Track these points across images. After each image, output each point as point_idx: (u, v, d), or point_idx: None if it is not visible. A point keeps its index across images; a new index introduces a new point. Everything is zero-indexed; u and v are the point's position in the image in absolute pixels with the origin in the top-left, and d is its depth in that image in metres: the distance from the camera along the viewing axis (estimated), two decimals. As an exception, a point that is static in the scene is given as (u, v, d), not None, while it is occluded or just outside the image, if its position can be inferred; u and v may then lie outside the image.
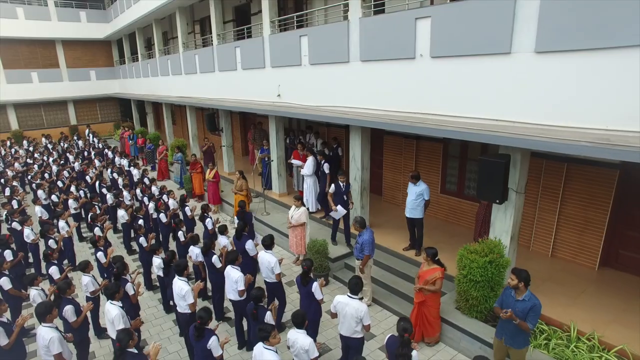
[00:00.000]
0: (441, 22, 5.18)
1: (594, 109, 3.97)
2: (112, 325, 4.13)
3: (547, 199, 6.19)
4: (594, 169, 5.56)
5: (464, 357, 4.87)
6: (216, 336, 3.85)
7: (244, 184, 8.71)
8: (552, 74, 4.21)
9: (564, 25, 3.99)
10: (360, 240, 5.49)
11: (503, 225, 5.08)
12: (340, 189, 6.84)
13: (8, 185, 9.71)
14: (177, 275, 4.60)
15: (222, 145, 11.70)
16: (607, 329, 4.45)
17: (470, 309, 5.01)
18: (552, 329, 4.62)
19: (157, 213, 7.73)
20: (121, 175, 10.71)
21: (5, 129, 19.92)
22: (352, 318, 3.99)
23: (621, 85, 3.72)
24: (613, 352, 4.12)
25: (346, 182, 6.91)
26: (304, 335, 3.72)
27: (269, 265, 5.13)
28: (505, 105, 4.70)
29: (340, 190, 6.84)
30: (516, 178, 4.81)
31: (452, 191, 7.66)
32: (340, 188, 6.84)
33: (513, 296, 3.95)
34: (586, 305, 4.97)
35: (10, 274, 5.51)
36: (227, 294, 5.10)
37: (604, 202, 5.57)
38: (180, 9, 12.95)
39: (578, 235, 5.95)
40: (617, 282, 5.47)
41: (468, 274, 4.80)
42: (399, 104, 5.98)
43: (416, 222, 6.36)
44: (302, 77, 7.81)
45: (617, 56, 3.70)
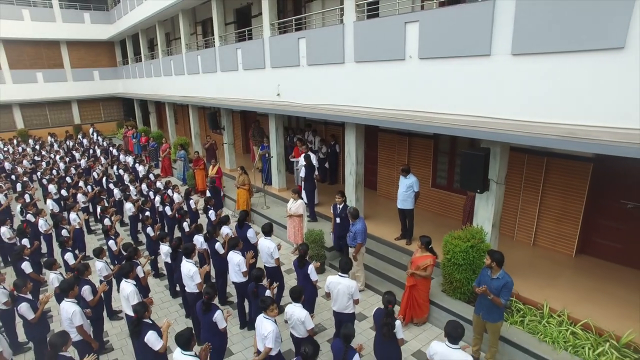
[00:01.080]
0: (428, 26, 5.59)
1: (562, 106, 4.39)
2: (127, 301, 4.56)
3: (529, 191, 6.62)
4: (570, 162, 5.98)
5: (448, 335, 5.30)
6: (221, 310, 4.29)
7: (245, 179, 9.15)
8: (527, 74, 4.63)
9: (536, 30, 4.41)
10: (354, 229, 5.92)
11: (485, 214, 5.50)
12: (336, 210, 6.51)
13: (20, 180, 10.14)
14: (185, 258, 5.04)
15: (224, 143, 12.14)
16: (577, 307, 4.87)
17: (454, 291, 5.44)
18: (527, 308, 5.05)
19: (162, 206, 8.16)
20: (127, 171, 11.14)
21: (11, 128, 20.36)
22: (345, 295, 4.43)
23: (585, 85, 4.14)
24: (579, 326, 4.55)
25: (344, 203, 6.49)
26: (300, 308, 4.16)
27: (269, 250, 5.56)
28: (486, 103, 5.11)
29: (336, 212, 6.52)
30: (496, 170, 5.23)
31: (442, 185, 8.09)
32: (336, 210, 6.50)
33: (489, 275, 4.39)
34: (560, 287, 5.39)
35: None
36: (231, 277, 5.53)
37: (580, 193, 6.00)
38: (183, 11, 13.38)
39: (557, 225, 6.38)
40: (590, 267, 5.90)
41: (452, 258, 5.23)
42: (391, 102, 6.40)
43: (407, 212, 6.79)
44: (301, 77, 8.23)
45: (582, 58, 4.12)
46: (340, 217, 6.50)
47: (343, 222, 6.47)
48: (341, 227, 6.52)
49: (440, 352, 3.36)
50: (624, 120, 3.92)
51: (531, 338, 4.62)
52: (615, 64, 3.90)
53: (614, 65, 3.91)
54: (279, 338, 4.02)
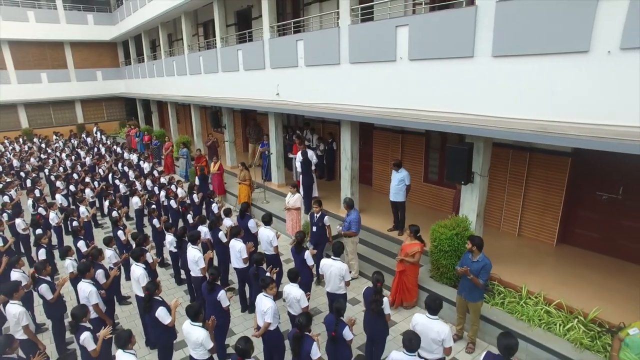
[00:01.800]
0: (417, 29, 6.00)
1: (538, 104, 4.79)
2: (138, 283, 4.97)
3: (513, 184, 7.02)
4: (551, 157, 6.39)
5: (434, 316, 5.70)
6: (224, 290, 4.69)
7: (246, 174, 9.55)
8: (506, 74, 5.04)
9: (514, 34, 4.82)
10: (348, 219, 6.32)
11: (470, 205, 5.91)
12: (313, 219, 6.37)
13: (29, 177, 10.54)
14: (191, 244, 5.44)
15: (225, 141, 12.54)
16: (553, 290, 5.27)
17: (441, 276, 5.85)
18: (508, 291, 5.45)
19: (167, 200, 8.56)
20: (131, 168, 11.54)
21: (16, 127, 20.76)
22: (337, 276, 4.83)
23: (557, 84, 4.55)
24: (552, 305, 4.95)
25: (321, 212, 6.33)
26: (296, 287, 4.56)
27: (268, 238, 5.97)
28: (470, 101, 5.51)
29: (313, 220, 6.36)
30: (480, 163, 5.64)
31: (434, 180, 8.49)
32: (313, 218, 6.37)
33: (470, 258, 4.79)
34: (539, 273, 5.78)
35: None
36: (232, 264, 5.94)
37: (559, 186, 6.40)
38: (186, 14, 13.80)
39: (539, 216, 6.79)
40: (569, 255, 6.30)
41: (438, 245, 5.63)
42: (383, 100, 6.80)
43: (399, 205, 7.19)
44: (299, 77, 8.63)
45: (554, 60, 4.52)
46: (316, 225, 6.38)
47: (319, 230, 6.36)
48: (317, 235, 6.40)
49: (421, 323, 3.77)
50: (592, 116, 4.32)
51: (509, 317, 5.02)
52: (582, 66, 4.31)
53: (581, 67, 4.32)
54: (277, 314, 4.42)
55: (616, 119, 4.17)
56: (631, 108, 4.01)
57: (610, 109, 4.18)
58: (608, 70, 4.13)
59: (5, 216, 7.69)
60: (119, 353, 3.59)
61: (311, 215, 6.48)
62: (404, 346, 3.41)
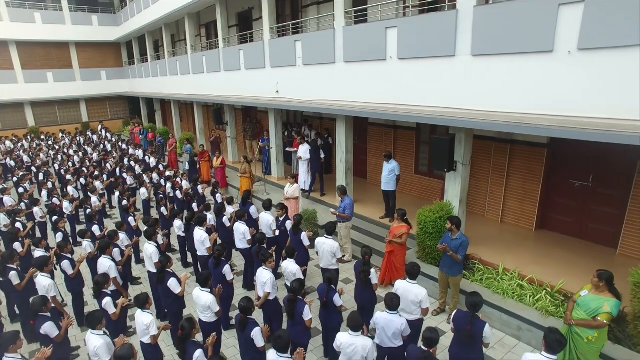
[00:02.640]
0: (405, 31, 6.53)
1: (513, 98, 5.30)
2: (150, 259, 5.50)
3: (496, 175, 7.55)
4: (529, 148, 6.92)
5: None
6: (229, 265, 5.23)
7: (247, 168, 10.08)
8: (484, 72, 5.56)
9: (490, 35, 5.35)
10: (342, 205, 6.86)
11: (454, 191, 6.44)
12: (278, 222, 6.40)
13: (41, 170, 11.09)
14: (198, 227, 5.98)
15: (228, 137, 13.08)
16: (527, 268, 5.78)
17: (426, 256, 6.38)
18: (486, 269, 5.98)
19: (173, 191, 9.10)
20: (137, 163, 12.08)
21: (23, 125, 21.31)
22: (329, 253, 5.37)
23: (529, 80, 5.07)
24: (525, 280, 5.48)
25: (285, 215, 6.41)
26: (293, 263, 5.08)
27: (268, 222, 6.50)
28: (453, 96, 6.02)
29: (277, 224, 6.39)
30: (462, 153, 6.17)
31: (424, 172, 9.03)
32: (278, 222, 6.41)
33: (450, 237, 5.33)
34: (516, 254, 6.30)
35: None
36: (237, 245, 6.46)
37: (537, 175, 6.93)
38: (189, 15, 14.34)
39: (519, 204, 7.32)
40: (546, 239, 6.83)
41: (424, 228, 6.16)
42: (375, 96, 7.33)
43: (390, 194, 7.73)
44: (297, 76, 9.17)
45: (525, 59, 5.04)
46: (279, 229, 6.49)
47: (282, 235, 6.42)
48: (281, 241, 6.44)
49: (402, 287, 4.31)
50: (559, 109, 4.85)
51: (487, 291, 5.54)
52: (548, 64, 4.84)
53: (547, 65, 4.85)
54: (276, 286, 4.95)
55: (580, 111, 4.69)
56: (591, 101, 4.53)
57: (573, 102, 4.70)
58: (569, 67, 4.65)
59: (23, 205, 8.22)
60: (138, 313, 4.13)
61: (276, 219, 6.61)
62: (386, 305, 3.94)
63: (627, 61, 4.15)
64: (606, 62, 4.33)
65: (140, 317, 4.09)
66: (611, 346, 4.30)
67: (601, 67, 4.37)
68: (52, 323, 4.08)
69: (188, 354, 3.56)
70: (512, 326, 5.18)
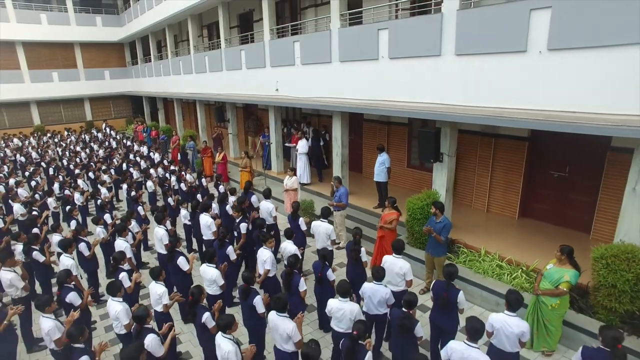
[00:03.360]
0: (396, 32, 7.03)
1: (491, 93, 5.82)
2: (160, 241, 6.01)
3: (482, 167, 8.05)
4: (511, 141, 7.42)
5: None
6: (232, 246, 5.73)
7: (247, 162, 10.59)
8: (466, 70, 6.06)
9: (470, 36, 5.85)
10: (338, 193, 7.37)
11: (440, 181, 6.95)
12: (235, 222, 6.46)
13: (51, 165, 11.60)
14: (204, 213, 6.48)
15: (229, 133, 13.60)
16: (507, 251, 6.26)
17: (415, 241, 6.88)
18: (470, 252, 6.47)
19: (178, 184, 9.60)
20: (143, 158, 12.58)
21: (29, 124, 21.84)
22: (324, 234, 5.87)
23: (504, 77, 5.58)
24: (504, 261, 5.98)
25: (242, 217, 6.45)
26: (291, 243, 5.58)
27: (268, 210, 7.01)
28: (439, 92, 6.52)
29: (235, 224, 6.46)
30: (447, 145, 6.67)
31: (416, 165, 9.53)
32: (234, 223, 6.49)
33: (434, 220, 5.83)
34: (498, 239, 6.80)
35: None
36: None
37: (519, 167, 7.42)
38: (192, 17, 14.85)
39: (503, 194, 7.82)
40: (527, 226, 7.33)
41: (412, 214, 6.67)
42: (367, 93, 7.83)
43: (382, 185, 8.23)
44: (295, 75, 9.67)
45: (501, 58, 5.55)
46: (236, 230, 6.67)
47: (239, 237, 6.54)
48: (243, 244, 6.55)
49: (389, 261, 4.82)
50: (533, 103, 5.34)
51: (469, 271, 6.05)
52: (522, 62, 5.34)
53: (521, 63, 5.35)
54: (275, 264, 5.45)
55: (551, 105, 5.18)
56: (560, 95, 5.03)
57: (545, 97, 5.20)
58: (540, 66, 5.16)
59: (37, 197, 8.72)
60: (152, 284, 4.63)
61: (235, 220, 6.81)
62: (373, 276, 4.45)
63: (586, 61, 4.67)
64: (571, 61, 4.84)
65: (154, 288, 4.59)
66: (574, 315, 4.81)
67: (567, 66, 4.88)
68: (75, 293, 4.58)
69: (198, 316, 4.06)
70: (491, 302, 5.68)
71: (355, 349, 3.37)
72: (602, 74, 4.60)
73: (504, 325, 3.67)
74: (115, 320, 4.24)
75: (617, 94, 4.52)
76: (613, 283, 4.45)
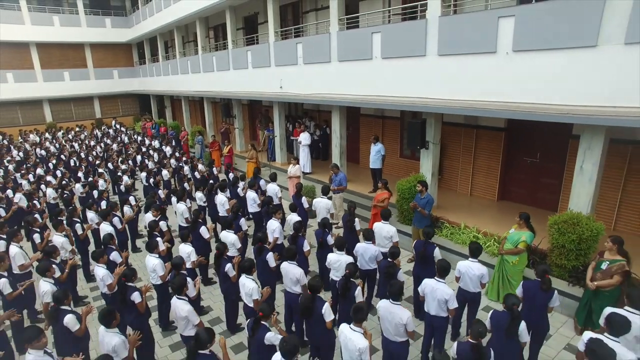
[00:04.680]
0: (387, 35, 7.97)
1: (469, 88, 6.75)
2: (181, 215, 6.96)
3: (465, 155, 9.00)
4: (490, 131, 8.36)
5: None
6: (244, 219, 6.68)
7: (254, 154, 11.54)
8: (447, 68, 7.00)
9: (450, 39, 6.80)
10: (338, 178, 8.31)
11: (427, 166, 7.90)
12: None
13: (72, 157, 12.56)
14: (221, 192, 7.44)
15: (236, 128, 14.56)
16: (484, 226, 7.19)
17: (404, 218, 7.83)
18: (452, 226, 7.41)
19: (191, 172, 10.56)
20: (155, 151, 13.54)
21: (42, 121, 22.79)
22: (324, 209, 6.83)
23: (480, 74, 6.52)
24: (480, 233, 6.93)
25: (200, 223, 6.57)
26: (296, 215, 6.53)
27: (274, 191, 7.95)
28: (425, 87, 7.45)
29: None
30: (432, 134, 7.62)
31: (408, 155, 10.49)
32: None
33: (419, 197, 6.78)
34: (477, 217, 7.73)
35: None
36: (248, 209, 7.91)
37: (498, 154, 8.37)
38: (200, 19, 15.80)
39: (484, 179, 8.76)
40: (505, 207, 8.26)
41: (401, 194, 7.61)
42: (362, 89, 8.77)
43: (377, 171, 9.18)
44: (298, 73, 10.62)
45: (476, 58, 6.49)
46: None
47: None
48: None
49: (378, 227, 5.77)
50: (502, 96, 6.28)
51: (450, 242, 6.99)
52: (492, 61, 6.28)
53: (492, 62, 6.29)
54: (282, 233, 6.40)
55: (518, 97, 6.11)
56: (526, 90, 5.95)
57: (514, 91, 6.12)
58: (508, 64, 6.10)
59: (64, 182, 9.68)
60: (181, 245, 5.58)
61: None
62: (363, 237, 5.39)
63: (543, 61, 5.62)
64: (532, 61, 5.78)
65: (183, 248, 5.53)
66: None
67: (529, 65, 5.83)
68: (116, 252, 5.55)
69: (222, 266, 5.01)
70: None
71: (347, 284, 4.31)
72: (556, 72, 5.55)
73: (468, 269, 4.62)
74: (152, 272, 5.19)
75: (568, 88, 5.46)
76: (563, 244, 5.40)
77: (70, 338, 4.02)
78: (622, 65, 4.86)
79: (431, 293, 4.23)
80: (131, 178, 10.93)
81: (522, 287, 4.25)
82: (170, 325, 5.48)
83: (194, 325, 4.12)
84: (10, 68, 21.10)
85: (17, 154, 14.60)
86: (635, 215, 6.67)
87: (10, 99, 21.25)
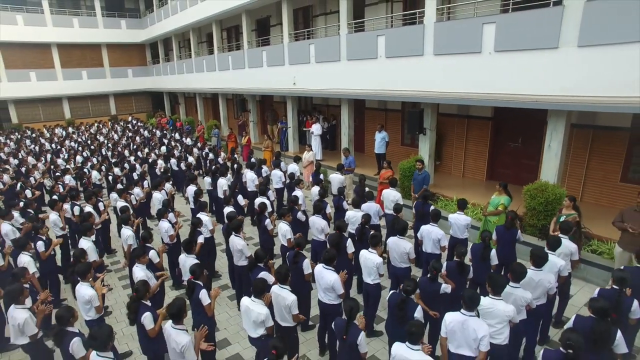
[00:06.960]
0: (390, 37, 9.30)
1: (460, 82, 8.08)
2: (221, 189, 8.27)
3: (458, 141, 10.33)
4: (479, 121, 9.70)
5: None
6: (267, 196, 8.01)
7: (269, 143, 12.86)
8: (441, 65, 8.33)
9: (444, 41, 8.13)
10: (348, 160, 9.63)
11: (424, 149, 9.24)
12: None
13: (102, 147, 13.86)
14: (249, 169, 8.76)
15: (251, 121, 15.89)
16: (473, 199, 8.54)
17: (405, 194, 9.15)
18: (446, 199, 8.73)
19: (215, 157, 11.88)
20: (177, 142, 14.85)
21: (61, 117, 24.09)
22: (338, 182, 8.15)
23: (469, 70, 7.84)
24: (470, 204, 8.24)
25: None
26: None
27: (295, 169, 9.26)
28: (422, 82, 8.78)
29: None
30: (429, 121, 8.96)
31: (408, 143, 11.82)
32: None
33: (417, 173, 8.11)
34: (468, 192, 9.06)
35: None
36: (274, 185, 9.23)
37: (485, 140, 9.71)
38: (216, 22, 17.11)
39: (474, 162, 10.10)
40: (492, 186, 9.51)
41: (403, 173, 8.94)
42: (369, 84, 10.10)
43: (381, 156, 10.51)
44: (310, 71, 11.94)
45: (466, 57, 7.82)
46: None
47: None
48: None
49: (387, 192, 7.11)
50: (490, 88, 7.59)
51: (444, 211, 8.30)
52: (478, 60, 7.61)
53: (478, 61, 7.62)
54: (305, 200, 7.71)
55: (499, 89, 7.44)
56: (503, 82, 7.29)
57: (495, 84, 7.46)
58: (490, 62, 7.43)
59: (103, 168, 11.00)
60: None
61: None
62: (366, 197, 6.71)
63: (520, 59, 6.95)
64: (510, 59, 7.11)
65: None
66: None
67: (508, 62, 7.15)
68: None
69: (262, 221, 6.32)
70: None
71: (363, 229, 5.62)
72: (528, 68, 6.88)
73: (457, 220, 5.96)
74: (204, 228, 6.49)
75: (537, 81, 6.79)
76: (534, 206, 6.73)
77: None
78: (576, 63, 6.20)
79: (427, 235, 5.56)
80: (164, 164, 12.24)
81: (495, 230, 5.58)
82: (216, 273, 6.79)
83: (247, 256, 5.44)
84: (33, 67, 22.40)
85: (48, 146, 15.89)
86: (597, 188, 8.01)
87: (33, 96, 22.54)
